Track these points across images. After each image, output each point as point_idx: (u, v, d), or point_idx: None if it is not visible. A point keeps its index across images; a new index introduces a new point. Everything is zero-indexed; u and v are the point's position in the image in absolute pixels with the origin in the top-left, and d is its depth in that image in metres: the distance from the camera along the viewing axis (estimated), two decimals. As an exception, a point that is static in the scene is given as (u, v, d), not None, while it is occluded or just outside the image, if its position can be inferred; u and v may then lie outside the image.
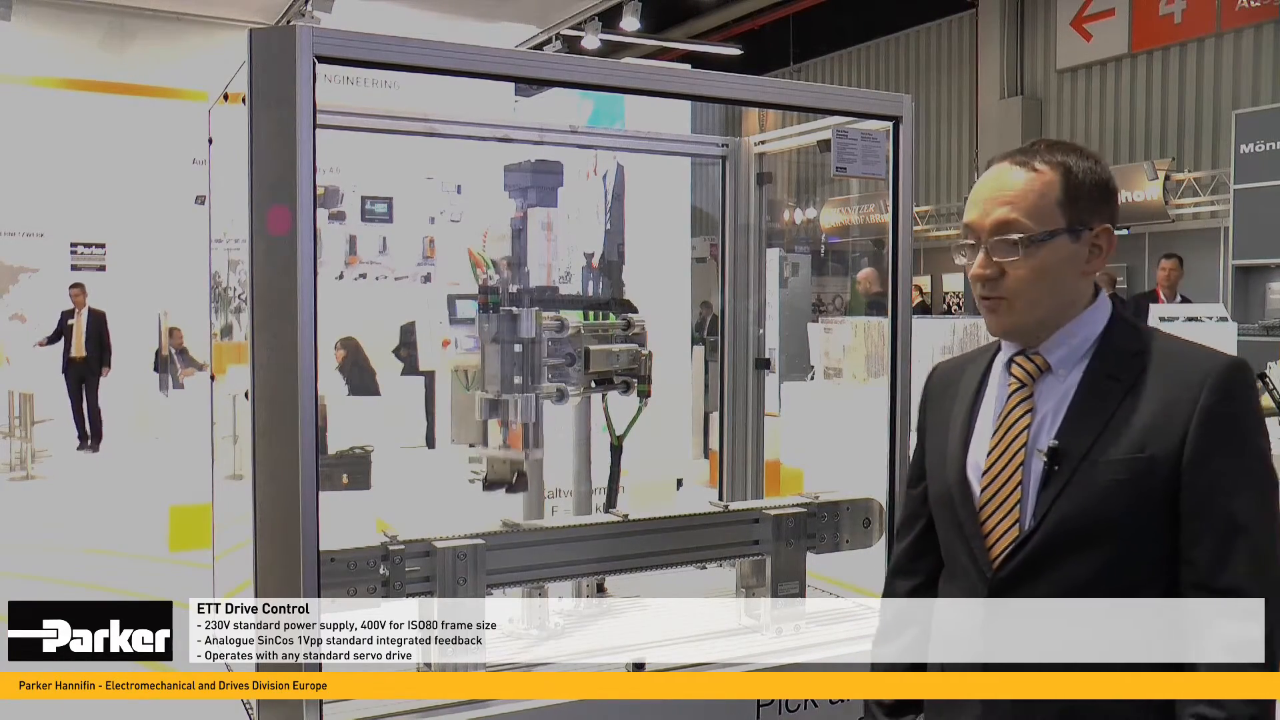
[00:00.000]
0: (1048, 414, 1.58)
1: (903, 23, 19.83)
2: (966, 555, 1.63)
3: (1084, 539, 1.52)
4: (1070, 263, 1.58)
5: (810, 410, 6.68)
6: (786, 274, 9.67)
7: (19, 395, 9.97)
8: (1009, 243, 1.56)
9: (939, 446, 1.72)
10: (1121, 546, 1.51)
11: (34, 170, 10.58)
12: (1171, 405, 1.50)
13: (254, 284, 1.96)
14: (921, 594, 1.79)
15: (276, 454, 1.96)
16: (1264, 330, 11.15)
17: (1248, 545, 1.45)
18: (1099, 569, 1.51)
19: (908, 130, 2.59)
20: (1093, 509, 1.51)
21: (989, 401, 1.67)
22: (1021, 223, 1.56)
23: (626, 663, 2.33)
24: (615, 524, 2.55)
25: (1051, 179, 1.57)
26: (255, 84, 1.95)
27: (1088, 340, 1.59)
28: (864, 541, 2.76)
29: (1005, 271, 1.58)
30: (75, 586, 6.10)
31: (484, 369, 2.57)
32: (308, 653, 1.96)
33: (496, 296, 2.57)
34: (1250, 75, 14.42)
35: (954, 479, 1.66)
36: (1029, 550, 1.55)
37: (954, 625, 1.67)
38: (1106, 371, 1.56)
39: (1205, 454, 1.48)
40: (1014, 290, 1.58)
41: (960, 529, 1.64)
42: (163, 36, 10.74)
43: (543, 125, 3.16)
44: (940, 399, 1.77)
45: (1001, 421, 1.62)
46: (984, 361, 1.72)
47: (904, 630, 1.80)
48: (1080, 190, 1.58)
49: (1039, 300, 1.58)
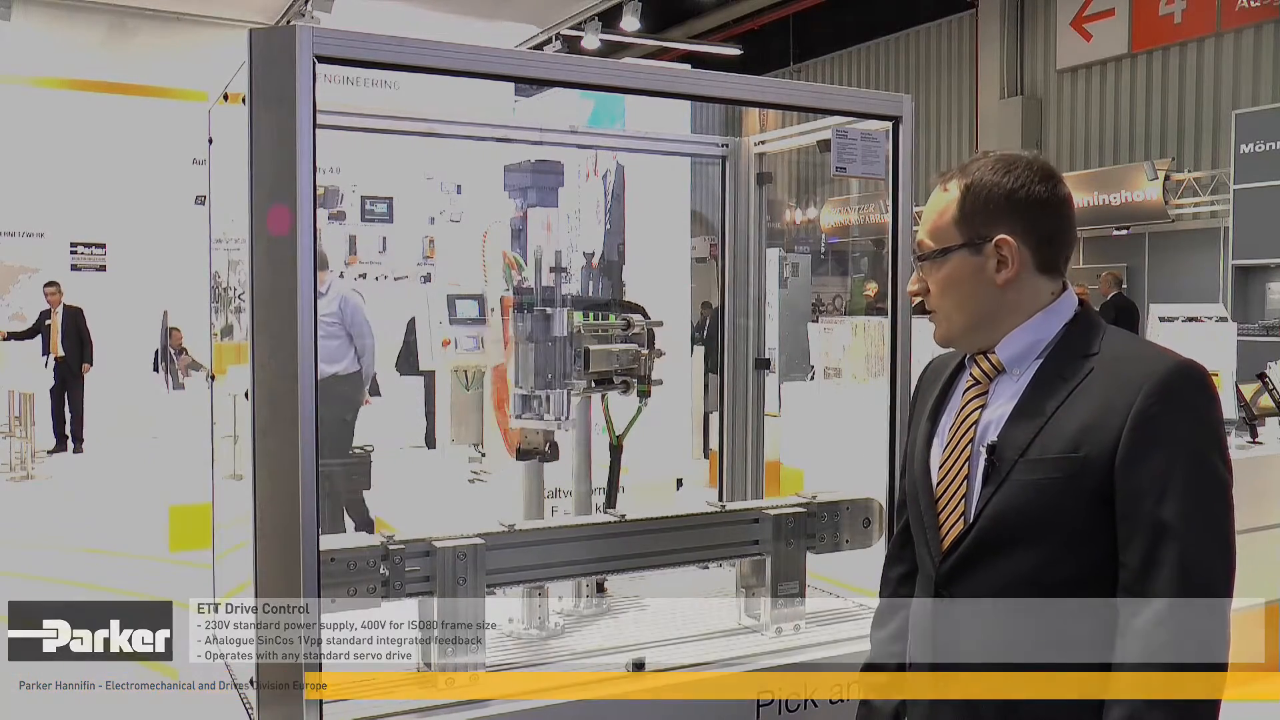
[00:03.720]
0: (997, 412, 1.62)
1: (903, 23, 19.83)
2: (924, 547, 1.69)
3: (1017, 535, 1.55)
4: (978, 274, 1.62)
5: (810, 410, 6.68)
6: (786, 274, 9.67)
7: (19, 395, 9.97)
8: (925, 258, 1.67)
9: (912, 440, 1.79)
10: (1056, 545, 1.53)
11: (34, 170, 10.58)
12: (1109, 407, 1.51)
13: (254, 284, 1.96)
14: (911, 580, 1.83)
15: (276, 454, 1.96)
16: (1264, 330, 11.15)
17: (1175, 550, 1.45)
18: (1034, 566, 1.54)
19: (908, 130, 2.59)
20: (1024, 506, 1.54)
21: (955, 399, 1.72)
22: (925, 244, 1.67)
23: (626, 663, 2.33)
24: (615, 524, 2.55)
25: (953, 198, 1.64)
26: (255, 84, 1.95)
27: (1041, 342, 1.62)
28: (864, 541, 2.76)
29: (929, 286, 1.68)
30: (75, 586, 6.10)
31: (518, 366, 2.66)
32: (308, 653, 1.96)
33: (530, 297, 2.64)
34: (1250, 75, 14.42)
35: (918, 472, 1.72)
36: (966, 545, 1.60)
37: (913, 623, 1.74)
38: (1056, 372, 1.58)
39: (1136, 457, 1.48)
40: (936, 302, 1.68)
41: (920, 520, 1.70)
42: (163, 36, 10.74)
43: (543, 125, 3.16)
44: (925, 393, 1.81)
45: (956, 418, 1.68)
46: (958, 360, 1.77)
47: (896, 614, 1.85)
48: (975, 206, 1.62)
49: (954, 311, 1.66)
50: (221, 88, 2.41)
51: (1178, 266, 15.00)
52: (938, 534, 1.66)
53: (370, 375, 6.95)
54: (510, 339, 2.71)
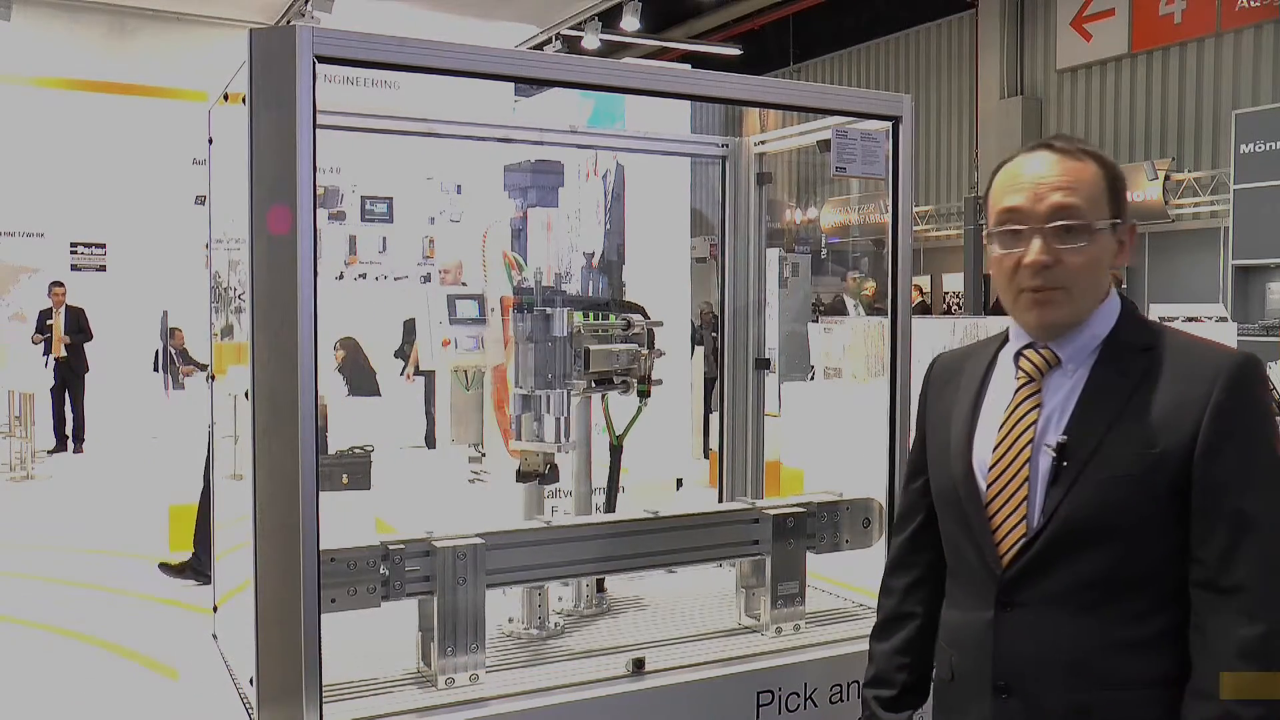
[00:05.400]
0: (1056, 409, 1.55)
1: (903, 23, 19.85)
2: (974, 552, 1.60)
3: (1093, 536, 1.49)
4: (1109, 257, 1.55)
5: (810, 410, 6.68)
6: (786, 274, 9.67)
7: (19, 395, 9.97)
8: (1071, 229, 1.52)
9: (941, 440, 1.69)
10: (1131, 543, 1.49)
11: (34, 170, 10.59)
12: (1183, 401, 1.47)
13: (254, 284, 1.96)
14: (920, 588, 1.78)
15: (276, 454, 1.95)
16: (1264, 330, 11.15)
17: (1256, 543, 1.43)
18: (1108, 565, 1.49)
19: (907, 130, 2.58)
20: (1102, 506, 1.48)
21: (994, 395, 1.64)
22: (1082, 209, 1.52)
23: (626, 663, 2.33)
24: (615, 524, 2.55)
25: (1096, 170, 1.54)
26: (255, 84, 1.94)
27: (1098, 336, 1.56)
28: (864, 541, 2.75)
29: (1061, 260, 1.52)
30: (75, 586, 6.10)
31: (518, 367, 2.64)
32: (308, 653, 1.96)
33: (530, 297, 2.63)
34: (1250, 75, 14.43)
35: (959, 474, 1.62)
36: (1038, 548, 1.52)
37: (958, 635, 1.65)
38: (1116, 367, 1.53)
39: (1216, 450, 1.45)
40: (1071, 280, 1.53)
41: (967, 526, 1.61)
42: (163, 36, 10.74)
43: (543, 125, 3.16)
44: (941, 391, 1.74)
45: (1008, 416, 1.58)
46: (988, 354, 1.69)
47: (903, 624, 1.79)
48: (1117, 183, 1.56)
49: (1089, 292, 1.54)
50: (221, 88, 2.41)
51: (1177, 266, 15.01)
52: (991, 538, 1.57)
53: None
54: (510, 339, 2.70)
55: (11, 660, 5.00)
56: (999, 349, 1.68)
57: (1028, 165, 1.56)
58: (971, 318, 7.72)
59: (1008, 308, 1.61)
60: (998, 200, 1.58)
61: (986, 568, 1.58)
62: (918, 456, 1.79)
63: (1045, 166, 1.54)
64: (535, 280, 2.67)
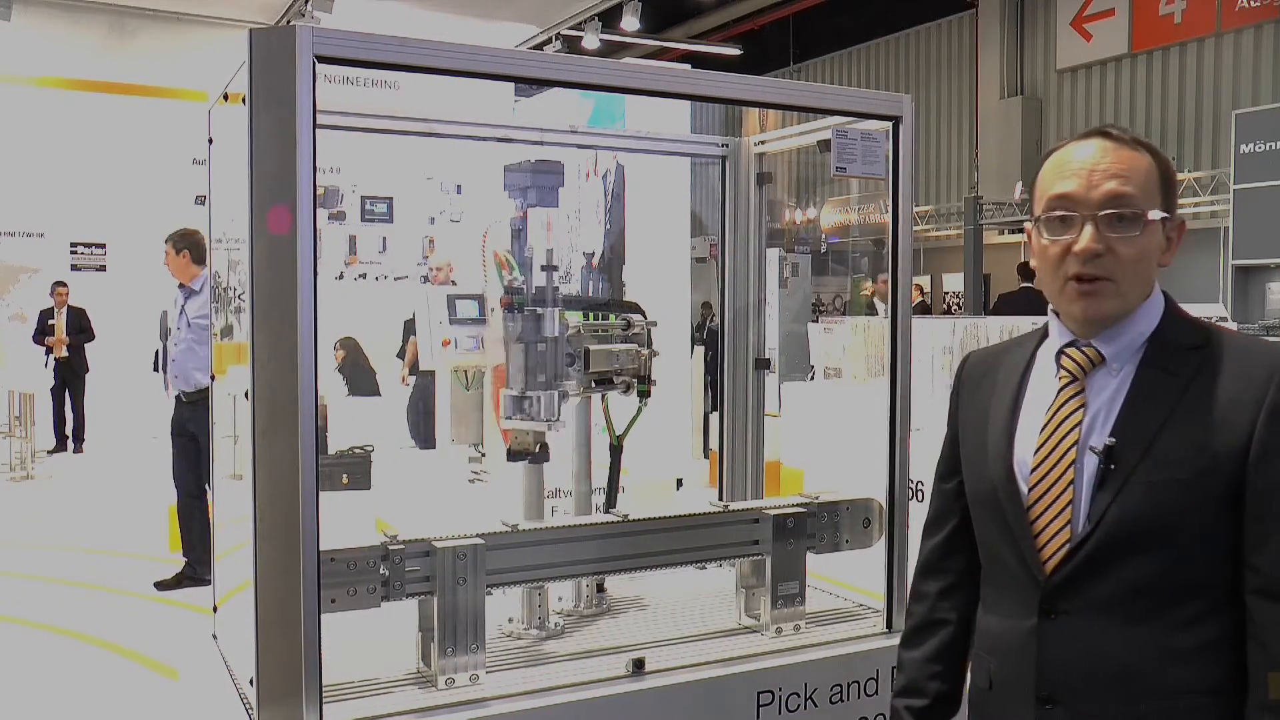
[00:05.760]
0: (1100, 410, 1.50)
1: (903, 23, 19.86)
2: (1015, 558, 1.54)
3: (1142, 542, 1.44)
4: (1158, 250, 1.51)
5: (810, 410, 6.68)
6: (786, 274, 9.67)
7: (19, 395, 9.97)
8: (1125, 218, 1.47)
9: (978, 441, 1.63)
10: (1182, 549, 1.43)
11: (34, 170, 10.59)
12: (1237, 401, 1.43)
13: (254, 284, 1.96)
14: (953, 594, 1.73)
15: (276, 454, 1.95)
16: (1264, 330, 11.14)
17: None
18: (1158, 572, 1.44)
19: (908, 130, 2.58)
20: (1152, 510, 1.43)
21: (1034, 394, 1.58)
22: (1136, 198, 1.47)
23: (626, 663, 2.33)
24: (615, 524, 2.55)
25: (1150, 162, 1.50)
26: (255, 84, 1.95)
27: (1143, 334, 1.51)
28: (864, 541, 2.75)
29: (1113, 249, 1.47)
30: (75, 586, 6.10)
31: (509, 367, 2.62)
32: (307, 653, 1.96)
33: (521, 297, 2.61)
34: (1250, 75, 14.43)
35: (999, 477, 1.56)
36: (1085, 554, 1.47)
37: (996, 641, 1.60)
38: (1163, 366, 1.48)
39: (1273, 452, 1.40)
40: (1120, 271, 1.47)
41: (1007, 531, 1.55)
42: (163, 36, 10.74)
43: (543, 125, 3.16)
44: (976, 390, 1.68)
45: (1051, 417, 1.52)
46: (1026, 351, 1.64)
47: (936, 631, 1.73)
48: (1169, 178, 1.52)
49: (1136, 286, 1.49)
50: (221, 88, 2.41)
51: (1178, 266, 14.93)
52: (1033, 544, 1.51)
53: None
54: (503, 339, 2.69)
55: (11, 660, 5.00)
56: (1037, 346, 1.62)
57: (1080, 151, 1.52)
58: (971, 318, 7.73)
59: (1052, 299, 1.56)
60: (1047, 186, 1.53)
61: (1028, 573, 1.52)
62: (950, 457, 1.73)
63: (1099, 153, 1.49)
64: (527, 279, 2.64)
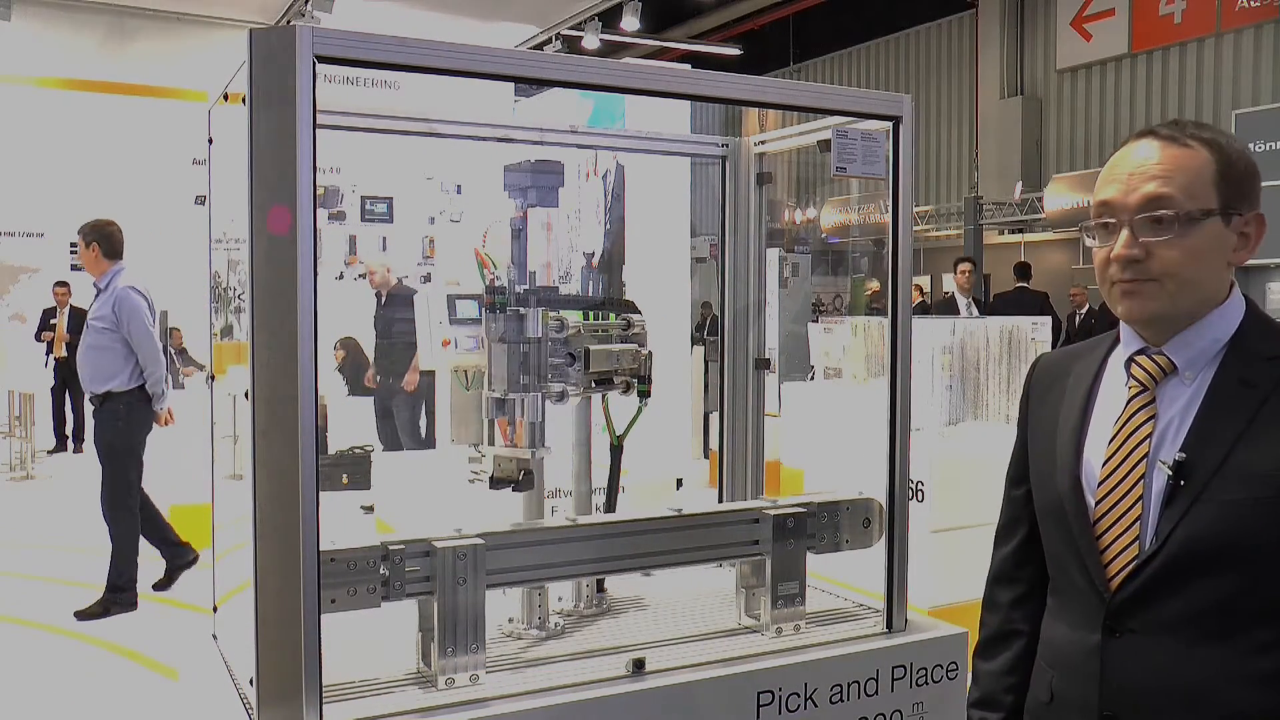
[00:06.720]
0: (1172, 422, 1.44)
1: (903, 23, 19.88)
2: (1080, 572, 1.50)
3: (1213, 561, 1.38)
4: (1219, 250, 1.44)
5: (810, 410, 6.67)
6: (786, 274, 9.68)
7: (19, 395, 9.98)
8: (1159, 220, 1.42)
9: (1046, 449, 1.59)
10: (1256, 571, 1.37)
11: (34, 170, 10.60)
12: None
13: (254, 284, 1.96)
14: (1026, 604, 1.69)
15: (276, 454, 1.95)
16: (1264, 330, 11.14)
17: None
18: (1229, 594, 1.38)
19: (908, 130, 2.58)
20: (1225, 529, 1.37)
21: (1104, 403, 1.54)
22: (1175, 199, 1.42)
23: (626, 663, 2.33)
24: (615, 524, 2.55)
25: (1205, 156, 1.44)
26: (255, 84, 1.94)
27: (1219, 341, 1.45)
28: (864, 541, 2.75)
29: (1152, 253, 1.43)
30: (75, 586, 6.11)
31: (490, 368, 2.57)
32: (308, 653, 1.96)
33: (503, 297, 2.56)
34: (1250, 75, 14.43)
35: (1065, 489, 1.52)
36: (1151, 572, 1.42)
37: (1062, 657, 1.56)
38: (1240, 376, 1.42)
39: None
40: (1164, 271, 1.42)
41: (1073, 544, 1.51)
42: (163, 36, 10.75)
43: (543, 125, 3.16)
44: (1045, 395, 1.64)
45: (1120, 429, 1.47)
46: (1097, 357, 1.59)
47: (1011, 643, 1.70)
48: (1234, 170, 1.45)
49: (1188, 287, 1.43)
50: (221, 88, 2.41)
51: (1178, 266, 14.98)
52: (1099, 559, 1.46)
53: (160, 394, 5.68)
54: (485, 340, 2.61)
55: (11, 660, 5.00)
56: (1109, 352, 1.58)
57: (1126, 155, 1.49)
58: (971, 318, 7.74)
59: (1107, 303, 1.52)
60: (1096, 193, 1.51)
61: (1094, 589, 1.48)
62: (1020, 463, 1.69)
63: (1143, 155, 1.46)
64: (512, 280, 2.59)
